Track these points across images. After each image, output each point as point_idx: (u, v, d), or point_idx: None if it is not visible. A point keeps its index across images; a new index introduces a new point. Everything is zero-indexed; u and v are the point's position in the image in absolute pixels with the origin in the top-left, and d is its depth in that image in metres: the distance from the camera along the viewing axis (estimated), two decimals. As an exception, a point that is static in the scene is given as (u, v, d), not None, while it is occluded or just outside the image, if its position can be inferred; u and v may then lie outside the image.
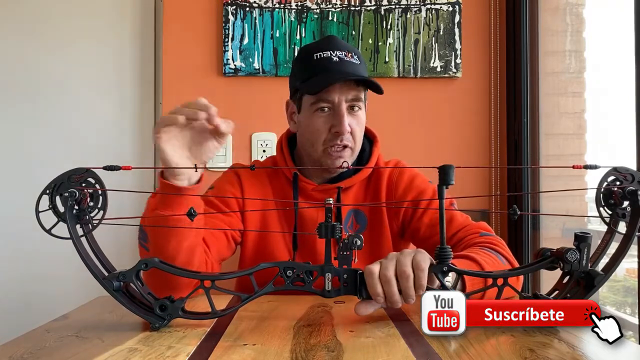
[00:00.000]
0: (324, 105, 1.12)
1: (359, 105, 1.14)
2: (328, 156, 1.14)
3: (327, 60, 1.12)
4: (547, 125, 1.80)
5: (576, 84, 1.77)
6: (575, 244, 0.77)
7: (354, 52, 1.15)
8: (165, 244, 0.93)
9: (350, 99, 1.12)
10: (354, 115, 1.13)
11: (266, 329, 0.77)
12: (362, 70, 1.14)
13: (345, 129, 1.11)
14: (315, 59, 1.13)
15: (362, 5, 1.90)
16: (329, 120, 1.12)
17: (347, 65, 1.12)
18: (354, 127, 1.13)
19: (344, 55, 1.12)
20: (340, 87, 1.10)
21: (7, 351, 0.67)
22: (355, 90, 1.12)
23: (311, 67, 1.13)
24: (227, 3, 1.88)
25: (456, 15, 1.90)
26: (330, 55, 1.12)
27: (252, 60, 1.89)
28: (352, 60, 1.13)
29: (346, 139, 1.12)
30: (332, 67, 1.11)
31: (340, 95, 1.11)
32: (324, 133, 1.13)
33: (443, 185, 0.75)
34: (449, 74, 1.90)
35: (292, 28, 1.90)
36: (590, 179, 1.45)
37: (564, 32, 1.81)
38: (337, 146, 1.13)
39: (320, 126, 1.13)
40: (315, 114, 1.13)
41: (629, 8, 1.25)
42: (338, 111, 1.11)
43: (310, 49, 1.16)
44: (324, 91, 1.10)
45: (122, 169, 0.77)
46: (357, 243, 0.77)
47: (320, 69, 1.12)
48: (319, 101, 1.12)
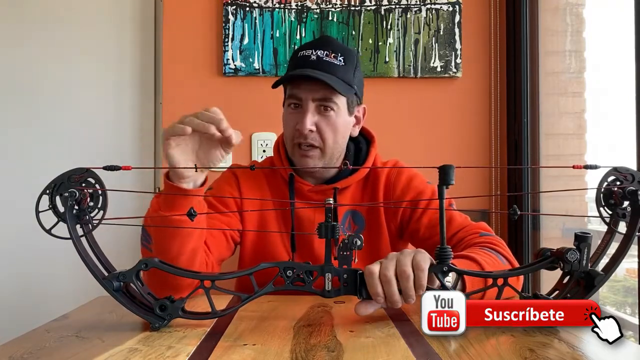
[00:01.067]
0: (293, 102, 1.13)
1: (330, 105, 1.12)
2: (296, 154, 1.15)
3: (304, 58, 1.12)
4: (547, 125, 1.80)
5: (576, 84, 1.77)
6: (575, 244, 0.77)
7: (340, 53, 1.12)
8: (168, 246, 0.93)
9: (318, 98, 1.11)
10: (324, 116, 1.12)
11: (266, 329, 0.77)
12: (341, 71, 1.11)
13: (305, 126, 1.10)
14: (296, 57, 1.15)
15: (362, 5, 1.90)
16: (297, 117, 1.13)
17: (321, 64, 1.10)
18: (322, 127, 1.12)
19: (324, 54, 1.11)
20: (309, 85, 1.10)
21: (7, 351, 0.67)
22: (325, 91, 1.10)
23: (291, 64, 1.16)
24: (227, 3, 1.88)
25: (456, 15, 1.90)
26: (310, 53, 1.12)
27: (252, 60, 1.89)
28: (333, 60, 1.11)
29: (312, 139, 1.12)
30: (305, 64, 1.11)
31: (307, 93, 1.11)
32: (292, 129, 1.14)
33: (443, 185, 0.75)
34: (449, 74, 1.90)
35: (292, 28, 1.90)
36: (591, 179, 1.45)
37: (564, 32, 1.81)
38: (303, 144, 1.13)
39: (289, 122, 1.15)
40: (287, 110, 1.15)
41: (629, 8, 1.25)
42: (303, 109, 1.12)
43: (300, 47, 1.17)
44: (294, 87, 1.12)
45: (122, 169, 0.77)
46: (357, 243, 0.77)
47: (295, 65, 1.13)
48: (290, 97, 1.14)
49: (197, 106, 2.13)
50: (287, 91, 1.16)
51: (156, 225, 0.92)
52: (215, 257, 1.07)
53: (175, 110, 1.91)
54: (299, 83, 1.11)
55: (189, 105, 1.89)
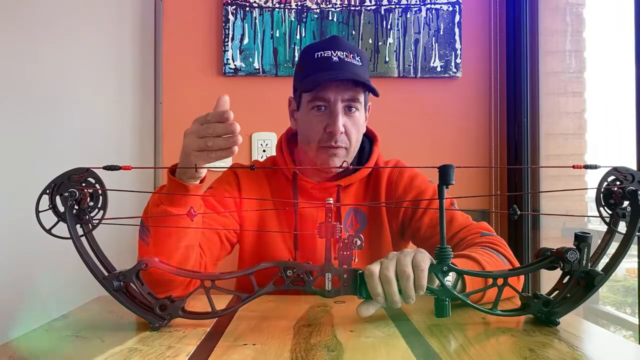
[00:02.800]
0: (320, 104, 1.12)
1: (356, 106, 1.13)
2: (322, 155, 1.14)
3: (326, 59, 1.12)
4: (547, 125, 1.80)
5: (576, 84, 1.77)
6: (575, 244, 0.77)
7: (356, 53, 1.14)
8: (165, 240, 0.93)
9: (346, 99, 1.11)
10: (350, 116, 1.13)
11: (266, 329, 0.77)
12: (362, 71, 1.14)
13: (338, 129, 1.10)
14: (315, 58, 1.13)
15: (362, 5, 1.90)
16: (324, 119, 1.12)
17: (346, 65, 1.11)
18: (349, 127, 1.13)
19: (344, 55, 1.12)
20: (337, 86, 1.10)
21: (7, 351, 0.67)
22: (352, 91, 1.11)
23: (311, 66, 1.14)
24: (227, 3, 1.88)
25: (456, 15, 1.90)
26: (331, 54, 1.12)
27: (252, 60, 1.89)
28: (353, 61, 1.13)
29: (340, 140, 1.12)
30: (330, 66, 1.11)
31: (336, 94, 1.11)
32: (319, 132, 1.13)
33: (443, 185, 0.75)
34: (449, 74, 1.90)
35: (292, 28, 1.90)
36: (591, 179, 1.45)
37: (564, 32, 1.81)
38: (334, 146, 1.12)
39: (315, 125, 1.13)
40: (311, 112, 1.14)
41: (629, 8, 1.25)
42: (333, 110, 1.11)
43: (313, 47, 1.16)
44: (321, 90, 1.11)
45: (122, 168, 0.77)
46: (357, 243, 0.77)
47: (318, 67, 1.12)
48: (315, 99, 1.12)
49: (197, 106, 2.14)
50: (307, 94, 1.13)
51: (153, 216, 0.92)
52: (208, 258, 1.07)
53: (175, 110, 1.91)
54: (328, 85, 1.11)
55: (189, 105, 1.90)
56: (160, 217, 0.91)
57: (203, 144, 0.84)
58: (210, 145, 0.84)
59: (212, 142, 0.84)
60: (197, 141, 0.84)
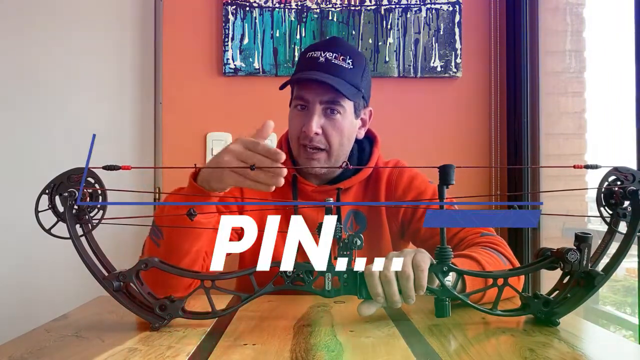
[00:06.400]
0: (299, 103, 1.13)
1: (337, 109, 1.11)
2: (303, 156, 1.14)
3: (314, 59, 1.11)
4: (547, 125, 1.80)
5: (576, 84, 1.77)
6: (575, 244, 0.77)
7: (349, 56, 1.12)
8: (180, 243, 0.94)
9: (325, 100, 1.11)
10: (331, 119, 1.12)
11: (266, 329, 0.77)
12: (350, 74, 1.11)
13: (311, 129, 1.10)
14: (306, 57, 1.14)
15: (362, 5, 1.90)
16: (302, 119, 1.12)
17: (330, 67, 1.10)
18: (329, 130, 1.12)
19: (333, 57, 1.11)
20: (317, 87, 1.10)
21: (7, 351, 0.67)
22: (332, 94, 1.10)
23: (299, 65, 1.15)
24: (227, 3, 1.88)
25: (456, 15, 1.90)
26: (319, 55, 1.11)
27: (252, 60, 1.89)
28: (342, 63, 1.10)
29: (317, 141, 1.12)
30: (314, 66, 1.10)
31: (315, 95, 1.10)
32: (298, 130, 1.13)
33: (443, 185, 0.75)
34: (449, 74, 1.90)
35: (292, 28, 1.90)
36: (591, 178, 1.45)
37: (564, 32, 1.81)
38: (309, 147, 1.12)
39: (295, 123, 1.14)
40: (294, 110, 1.15)
41: (629, 8, 1.25)
42: (309, 111, 1.12)
43: (309, 47, 1.16)
44: (301, 89, 1.12)
45: (121, 168, 0.77)
46: (357, 243, 0.77)
47: (303, 66, 1.13)
48: (296, 98, 1.13)
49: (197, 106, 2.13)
50: (294, 92, 1.15)
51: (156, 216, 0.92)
52: (210, 259, 1.07)
53: (175, 110, 1.91)
54: (307, 85, 1.11)
55: (189, 105, 1.90)
56: (177, 221, 0.91)
57: (243, 170, 0.85)
58: (252, 176, 0.85)
59: (255, 173, 0.84)
60: (238, 164, 0.85)
